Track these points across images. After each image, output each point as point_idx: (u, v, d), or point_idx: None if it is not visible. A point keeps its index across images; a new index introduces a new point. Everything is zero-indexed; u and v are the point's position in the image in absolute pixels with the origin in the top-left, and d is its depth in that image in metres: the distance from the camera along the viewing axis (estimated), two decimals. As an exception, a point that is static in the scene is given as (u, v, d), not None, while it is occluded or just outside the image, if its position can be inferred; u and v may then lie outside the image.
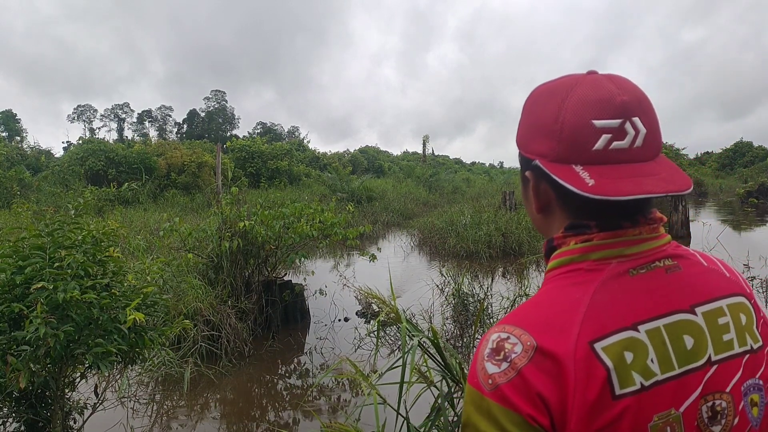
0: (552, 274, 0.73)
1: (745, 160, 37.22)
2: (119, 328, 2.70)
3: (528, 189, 0.77)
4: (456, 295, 6.08)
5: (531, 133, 0.73)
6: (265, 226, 5.81)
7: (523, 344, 0.65)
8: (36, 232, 2.74)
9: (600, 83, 0.69)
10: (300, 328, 6.46)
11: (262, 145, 26.40)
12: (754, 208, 20.52)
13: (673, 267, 0.70)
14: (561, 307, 0.67)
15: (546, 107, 0.71)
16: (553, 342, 0.63)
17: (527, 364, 0.63)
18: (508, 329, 0.67)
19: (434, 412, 2.00)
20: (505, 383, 0.64)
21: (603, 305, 0.65)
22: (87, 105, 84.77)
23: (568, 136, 0.67)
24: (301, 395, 4.59)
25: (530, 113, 0.74)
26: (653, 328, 0.64)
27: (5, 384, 2.44)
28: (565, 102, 0.68)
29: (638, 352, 0.63)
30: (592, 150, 0.66)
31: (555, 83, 0.72)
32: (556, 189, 0.72)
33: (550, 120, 0.69)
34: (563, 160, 0.68)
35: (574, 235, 0.72)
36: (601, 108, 0.66)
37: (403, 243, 13.49)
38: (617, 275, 0.68)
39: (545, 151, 0.70)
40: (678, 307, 0.67)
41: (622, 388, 0.61)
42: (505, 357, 0.65)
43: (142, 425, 4.00)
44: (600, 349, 0.62)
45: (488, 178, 43.50)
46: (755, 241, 12.26)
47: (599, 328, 0.63)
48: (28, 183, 17.96)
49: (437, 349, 2.06)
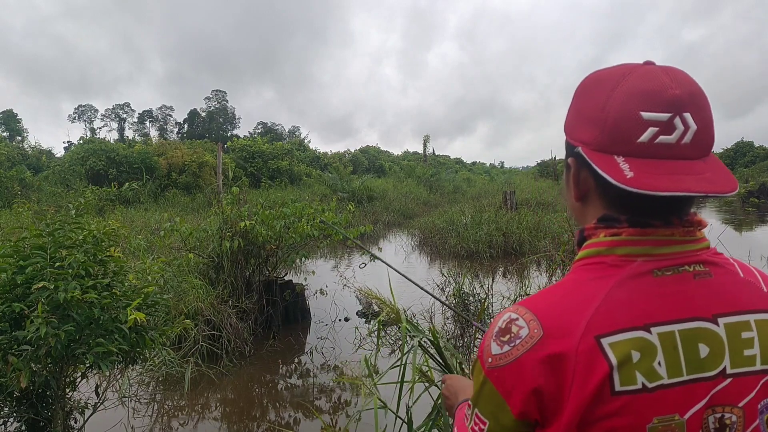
0: (578, 264, 0.73)
1: (746, 160, 37.15)
2: (120, 327, 2.70)
3: (569, 176, 0.76)
4: (457, 295, 6.07)
5: (577, 120, 0.72)
6: (266, 226, 5.81)
7: (529, 330, 0.65)
8: (37, 231, 2.75)
9: (653, 74, 0.67)
10: (301, 327, 6.46)
11: (263, 144, 26.41)
12: (755, 208, 20.50)
13: (703, 273, 0.68)
14: (575, 299, 0.67)
15: (594, 94, 0.70)
16: (559, 332, 0.64)
17: (527, 351, 0.64)
18: (521, 311, 0.68)
19: (435, 411, 2.00)
20: (502, 367, 0.66)
21: (618, 302, 0.65)
22: (88, 105, 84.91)
23: (613, 125, 0.66)
24: (302, 395, 4.59)
25: (579, 99, 0.73)
26: (667, 331, 0.64)
27: (6, 384, 2.44)
28: (615, 91, 0.67)
29: (646, 353, 0.62)
30: (637, 142, 0.65)
31: (608, 71, 0.71)
32: (596, 178, 0.70)
33: (596, 108, 0.68)
34: (605, 149, 0.67)
35: (604, 227, 0.71)
36: (651, 100, 0.65)
37: (404, 243, 13.49)
38: (640, 274, 0.67)
39: (588, 139, 0.69)
40: (699, 314, 0.65)
41: (623, 386, 0.61)
42: (509, 340, 0.66)
43: (142, 425, 4.00)
44: (606, 345, 0.62)
45: (489, 177, 43.49)
46: (756, 241, 12.25)
47: (609, 323, 0.63)
48: (29, 183, 17.97)
49: (437, 349, 2.06)
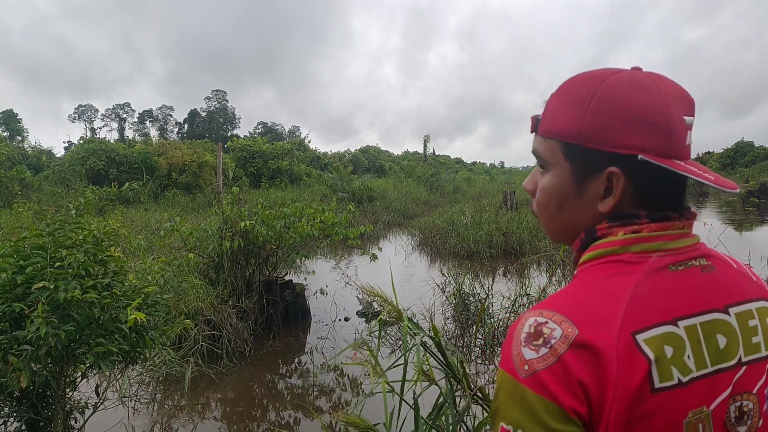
0: (586, 266, 0.72)
1: (746, 159, 37.15)
2: (120, 327, 2.70)
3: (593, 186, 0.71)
4: (457, 294, 6.07)
5: (624, 126, 0.67)
6: (266, 226, 5.81)
7: (563, 330, 0.62)
8: (37, 231, 2.74)
9: (667, 79, 0.69)
10: (301, 327, 6.46)
11: (263, 144, 26.40)
12: (755, 208, 20.50)
13: (708, 267, 0.70)
14: (602, 297, 0.65)
15: (641, 99, 0.67)
16: (594, 331, 0.62)
17: (567, 350, 0.61)
18: (546, 314, 0.65)
19: (436, 410, 2.00)
20: (544, 369, 0.61)
21: (645, 298, 0.64)
22: (88, 105, 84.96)
23: (672, 130, 0.67)
24: (303, 394, 4.59)
25: (616, 104, 0.68)
26: (691, 324, 0.65)
27: (6, 383, 2.44)
28: (662, 96, 0.67)
29: (677, 347, 0.63)
30: (684, 145, 0.67)
31: (627, 75, 0.69)
32: (637, 185, 0.69)
33: (653, 113, 0.66)
34: (668, 155, 0.66)
35: (621, 225, 0.70)
36: (685, 104, 0.68)
37: (404, 243, 13.49)
38: (658, 269, 0.67)
39: (648, 146, 0.66)
40: (714, 306, 0.67)
41: (662, 382, 0.61)
42: (544, 342, 0.62)
43: (143, 425, 4.00)
44: (642, 341, 0.61)
45: (489, 177, 43.57)
46: (757, 241, 12.24)
47: (642, 320, 0.63)
48: (29, 183, 17.97)
49: (439, 348, 2.06)
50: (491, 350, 5.10)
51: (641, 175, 0.68)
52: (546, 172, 0.76)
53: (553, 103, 0.75)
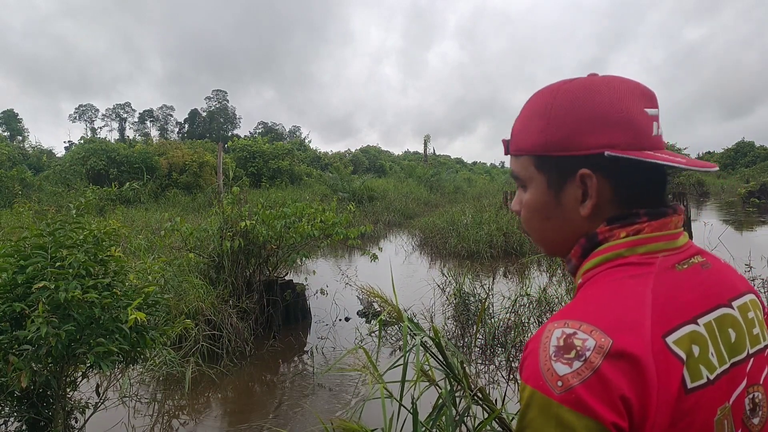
0: (594, 272, 0.70)
1: (747, 159, 37.16)
2: (121, 327, 2.70)
3: (570, 192, 0.72)
4: (457, 294, 6.07)
5: (586, 128, 0.68)
6: (267, 226, 5.81)
7: (596, 340, 0.59)
8: (37, 231, 2.75)
9: (622, 78, 0.71)
10: (301, 327, 6.46)
11: (264, 144, 26.41)
12: (755, 208, 20.49)
13: (705, 263, 0.71)
14: (626, 302, 0.63)
15: (598, 99, 0.69)
16: (629, 338, 0.59)
17: (604, 361, 0.57)
18: (572, 324, 0.61)
19: (437, 410, 2.00)
20: (580, 385, 0.57)
21: (664, 299, 0.64)
22: (89, 105, 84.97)
23: (637, 124, 0.68)
24: (303, 395, 4.59)
25: (575, 109, 0.69)
26: (707, 321, 0.65)
27: (7, 383, 2.45)
28: (616, 93, 0.69)
29: (702, 345, 0.63)
30: (652, 136, 0.69)
31: (580, 81, 0.71)
32: (617, 181, 0.70)
33: (611, 110, 0.68)
34: (636, 147, 0.67)
35: (621, 226, 0.69)
36: (645, 98, 0.70)
37: (405, 243, 13.49)
38: (667, 269, 0.67)
39: (615, 141, 0.67)
40: (720, 301, 0.68)
41: (693, 382, 0.61)
42: (577, 355, 0.58)
43: (143, 425, 4.00)
44: (672, 343, 0.61)
45: (489, 177, 43.54)
46: (757, 241, 12.23)
47: (668, 321, 0.62)
48: (29, 182, 17.99)
49: (439, 348, 2.06)
50: (491, 350, 5.10)
51: (615, 171, 0.69)
52: (526, 190, 0.78)
53: (518, 122, 0.77)
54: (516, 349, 4.90)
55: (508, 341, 5.07)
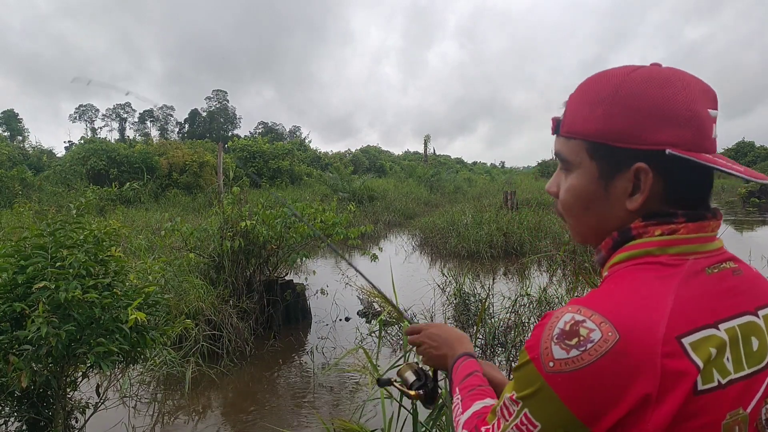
0: (621, 266, 0.70)
1: (747, 160, 37.16)
2: (121, 327, 2.71)
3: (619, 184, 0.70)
4: (457, 294, 6.07)
5: (651, 122, 0.67)
6: (267, 226, 5.82)
7: (603, 333, 0.59)
8: (38, 231, 2.75)
9: (693, 76, 0.69)
10: (301, 327, 6.46)
11: (264, 144, 26.40)
12: (756, 208, 20.48)
13: (737, 270, 0.70)
14: (647, 299, 0.63)
15: (669, 94, 0.67)
16: (637, 335, 0.59)
17: (602, 357, 0.58)
18: (585, 312, 0.62)
19: (437, 410, 2.00)
20: (569, 373, 0.60)
21: (688, 301, 0.63)
22: (89, 105, 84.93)
23: (700, 124, 0.66)
24: (303, 395, 4.59)
25: (643, 101, 0.67)
26: (730, 327, 0.65)
27: (7, 383, 2.45)
28: (688, 90, 0.67)
29: (719, 350, 0.63)
30: (711, 138, 0.67)
31: (650, 71, 0.69)
32: (668, 180, 0.68)
33: (681, 108, 0.66)
34: (698, 148, 0.66)
35: (657, 224, 0.68)
36: (710, 98, 0.68)
37: (405, 243, 13.49)
38: (696, 272, 0.66)
39: (675, 140, 0.66)
40: (747, 308, 0.67)
41: (704, 385, 0.60)
42: (578, 344, 0.60)
43: (143, 425, 4.00)
44: (687, 344, 0.60)
45: (490, 177, 43.52)
46: (757, 241, 12.23)
47: (687, 323, 0.62)
48: (30, 183, 17.98)
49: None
50: (492, 350, 5.10)
51: (670, 170, 0.67)
52: (570, 173, 0.75)
53: (574, 103, 0.74)
54: (516, 349, 4.90)
55: (508, 341, 5.07)
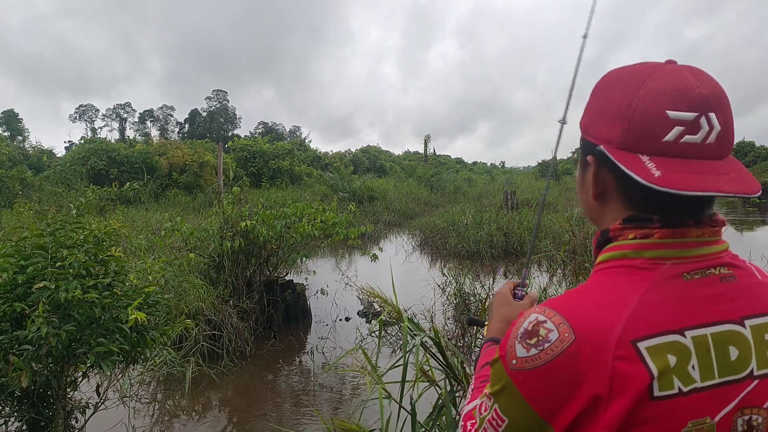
0: (602, 267, 0.71)
1: (747, 160, 37.09)
2: (121, 327, 2.71)
3: (587, 174, 0.75)
4: (458, 294, 6.07)
5: (598, 117, 0.71)
6: (267, 226, 5.81)
7: (560, 334, 0.62)
8: (38, 231, 2.75)
9: (680, 73, 0.66)
10: (301, 327, 6.46)
11: (264, 144, 26.40)
12: (756, 208, 20.48)
13: (729, 276, 0.68)
14: (608, 302, 0.64)
15: (619, 91, 0.68)
16: (592, 336, 0.61)
17: (557, 357, 0.62)
18: (548, 313, 0.65)
19: (437, 410, 2.00)
20: (527, 370, 0.64)
21: (652, 306, 0.63)
22: (89, 105, 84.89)
23: (639, 123, 0.65)
24: (303, 394, 4.59)
25: (600, 96, 0.71)
26: (700, 335, 0.63)
27: (7, 383, 2.45)
28: (641, 88, 0.66)
29: (681, 357, 0.62)
30: (662, 141, 0.64)
31: (632, 68, 0.70)
32: (617, 177, 0.70)
33: (622, 105, 0.67)
34: (630, 148, 0.66)
35: (633, 227, 0.69)
36: (678, 99, 0.64)
37: (405, 243, 13.49)
38: (671, 277, 0.66)
39: (612, 137, 0.68)
40: (728, 317, 0.65)
41: (661, 391, 0.60)
42: (537, 343, 0.64)
43: (143, 425, 4.00)
44: (644, 349, 0.61)
45: (490, 177, 43.55)
46: (757, 241, 12.23)
47: (646, 327, 0.62)
48: (30, 182, 17.97)
49: (439, 348, 2.06)
50: (492, 350, 5.10)
51: (615, 167, 0.68)
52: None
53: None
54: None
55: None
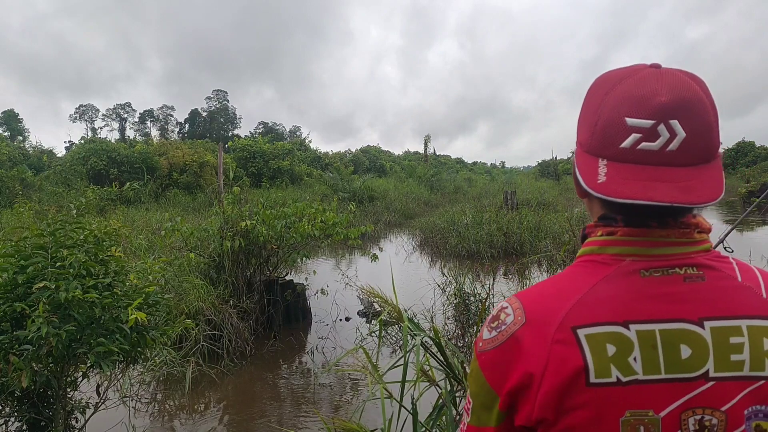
0: (576, 261, 0.76)
1: (748, 159, 37.06)
2: (121, 327, 2.71)
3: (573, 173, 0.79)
4: (458, 294, 6.07)
5: (581, 120, 0.75)
6: (267, 226, 5.82)
7: (515, 317, 0.70)
8: (38, 231, 2.75)
9: (647, 80, 0.67)
10: (302, 327, 6.47)
11: (264, 144, 26.41)
12: (756, 208, 20.46)
13: (695, 276, 0.67)
14: (561, 291, 0.70)
15: (594, 96, 0.72)
16: (538, 320, 0.68)
17: (509, 337, 0.69)
18: (512, 301, 0.73)
19: (437, 410, 2.00)
20: (488, 351, 0.71)
21: (600, 297, 0.67)
22: (89, 105, 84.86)
23: (602, 129, 0.68)
24: (303, 394, 4.59)
25: (585, 100, 0.75)
26: (646, 330, 0.65)
27: (8, 383, 2.45)
28: (608, 95, 0.69)
29: (621, 348, 0.64)
30: (619, 147, 0.66)
31: (613, 72, 0.72)
32: None
33: (593, 110, 0.71)
34: (594, 152, 0.69)
35: (603, 225, 0.73)
36: (638, 106, 0.65)
37: (405, 243, 13.49)
38: (627, 273, 0.68)
39: (583, 140, 0.72)
40: (684, 316, 0.65)
41: (597, 378, 0.63)
42: (497, 326, 0.71)
43: (143, 424, 4.01)
44: (582, 336, 0.65)
45: (490, 177, 43.54)
46: (757, 241, 12.23)
47: (587, 316, 0.66)
48: (30, 182, 17.98)
49: (439, 348, 2.06)
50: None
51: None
52: None
53: None
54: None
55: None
